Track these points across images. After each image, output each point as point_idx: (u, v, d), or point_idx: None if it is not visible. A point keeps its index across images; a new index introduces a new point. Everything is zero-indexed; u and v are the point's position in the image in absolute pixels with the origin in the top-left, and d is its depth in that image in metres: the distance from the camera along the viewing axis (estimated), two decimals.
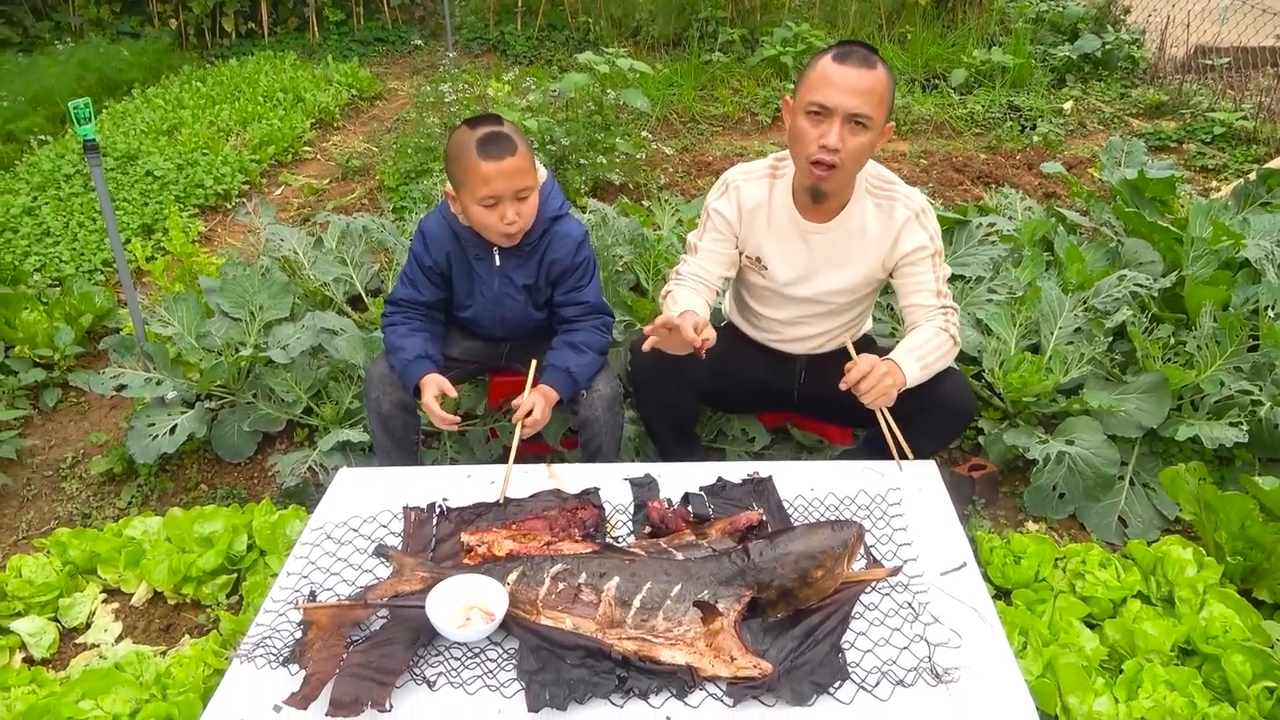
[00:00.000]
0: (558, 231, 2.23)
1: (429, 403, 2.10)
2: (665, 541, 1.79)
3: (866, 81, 1.92)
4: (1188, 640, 1.98)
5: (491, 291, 2.27)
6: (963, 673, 1.51)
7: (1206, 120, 5.55)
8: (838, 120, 1.93)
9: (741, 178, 2.22)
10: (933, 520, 1.88)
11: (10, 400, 3.17)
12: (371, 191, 4.98)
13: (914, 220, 2.13)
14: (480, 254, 2.22)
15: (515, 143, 2.02)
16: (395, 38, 8.09)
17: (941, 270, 2.17)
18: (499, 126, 2.03)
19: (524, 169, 2.05)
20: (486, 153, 2.00)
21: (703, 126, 5.89)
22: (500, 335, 2.38)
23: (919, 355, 2.06)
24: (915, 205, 2.14)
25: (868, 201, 2.15)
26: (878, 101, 1.93)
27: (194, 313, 3.04)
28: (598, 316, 2.29)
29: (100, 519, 2.69)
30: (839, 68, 1.92)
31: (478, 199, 2.05)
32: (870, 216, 2.15)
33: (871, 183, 2.16)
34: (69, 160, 4.97)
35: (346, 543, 1.87)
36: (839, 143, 1.94)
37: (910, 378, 2.03)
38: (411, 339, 2.22)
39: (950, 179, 4.89)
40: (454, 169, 2.07)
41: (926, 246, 2.13)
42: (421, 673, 1.53)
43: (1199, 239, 3.10)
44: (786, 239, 2.20)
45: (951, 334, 2.12)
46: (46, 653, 2.16)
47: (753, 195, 2.20)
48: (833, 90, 1.92)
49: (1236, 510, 2.19)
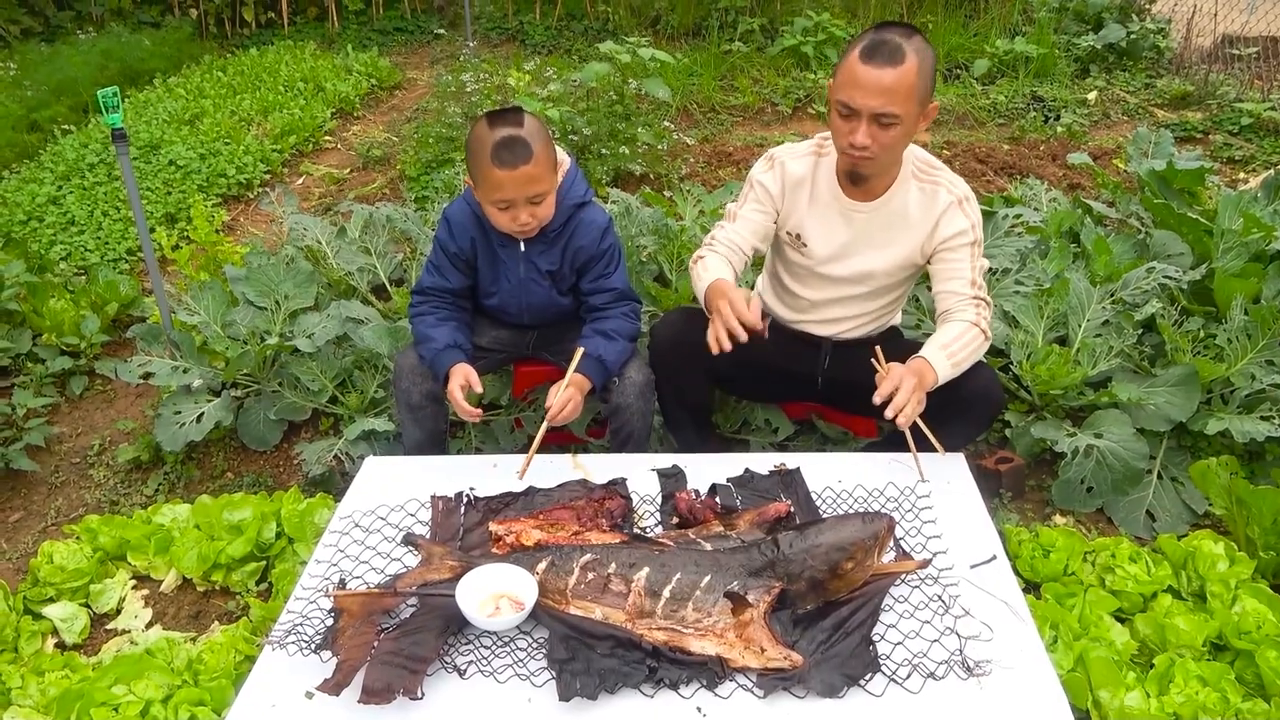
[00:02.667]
0: (582, 219, 2.23)
1: (453, 392, 2.10)
2: (693, 532, 1.79)
3: (890, 80, 1.89)
4: (1220, 635, 1.96)
5: (516, 278, 2.27)
6: (994, 666, 1.50)
7: (1234, 111, 5.47)
8: (864, 120, 1.93)
9: (787, 154, 2.24)
10: (962, 513, 1.87)
11: (38, 388, 3.20)
12: (393, 181, 4.99)
13: (956, 206, 2.12)
14: (504, 240, 2.22)
15: (532, 148, 1.97)
16: (414, 27, 8.10)
17: (980, 261, 2.15)
18: (518, 129, 1.98)
19: (538, 176, 2.01)
20: (500, 159, 1.96)
21: (723, 116, 5.86)
22: (526, 322, 2.38)
23: (950, 353, 2.04)
24: (959, 191, 2.14)
25: (912, 185, 2.15)
26: (905, 97, 1.91)
27: (219, 301, 3.05)
28: (626, 303, 2.28)
29: (128, 506, 2.71)
30: (864, 67, 1.91)
31: (491, 201, 2.05)
32: (913, 200, 2.14)
33: (918, 166, 2.16)
34: (92, 149, 5.00)
35: (375, 531, 1.87)
36: (867, 139, 1.94)
37: (942, 375, 2.02)
38: (441, 328, 2.21)
39: (973, 170, 4.84)
40: (470, 164, 2.07)
41: (967, 233, 2.12)
42: (452, 661, 1.54)
43: (1229, 231, 3.06)
44: (828, 216, 2.20)
45: (982, 328, 2.09)
46: (78, 638, 2.18)
47: (797, 170, 2.20)
48: (857, 92, 1.91)
49: (1269, 505, 2.17)
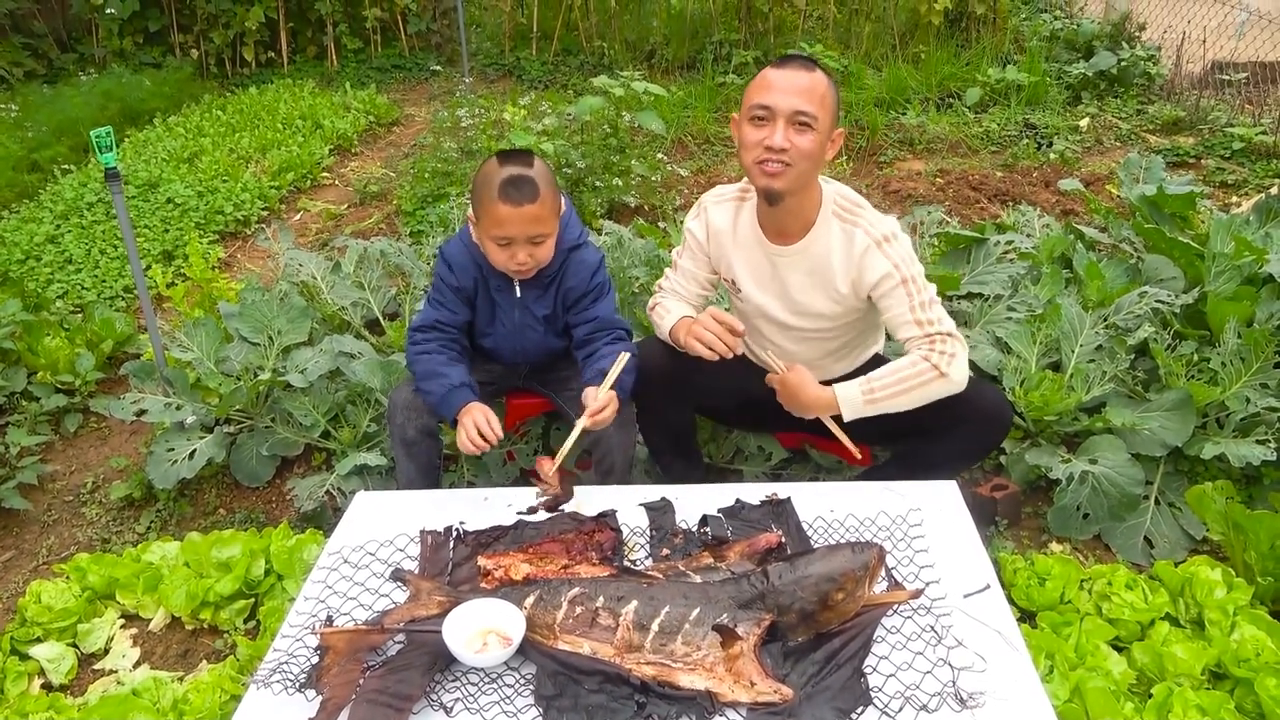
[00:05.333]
0: (574, 259, 2.23)
1: (468, 433, 2.04)
2: (683, 564, 1.77)
3: (806, 81, 1.92)
4: (1218, 663, 1.93)
5: (512, 323, 2.27)
6: (988, 698, 1.48)
7: (1225, 135, 5.51)
8: (781, 121, 1.93)
9: (712, 200, 2.25)
10: (955, 542, 1.85)
11: (32, 426, 3.20)
12: (389, 216, 5.02)
13: (875, 249, 2.04)
14: (501, 284, 2.22)
15: (539, 189, 1.99)
16: (412, 64, 8.19)
17: (920, 295, 2.06)
18: (527, 169, 2.00)
19: (542, 217, 2.02)
20: (506, 195, 1.97)
21: (717, 148, 5.91)
22: (519, 363, 2.38)
23: (870, 389, 2.04)
24: (877, 232, 2.05)
25: (834, 225, 2.09)
26: (820, 101, 1.93)
27: (213, 338, 3.06)
28: (608, 331, 2.28)
29: (119, 544, 2.70)
30: (778, 71, 1.95)
31: (491, 236, 2.05)
32: (836, 242, 2.09)
33: (839, 205, 2.10)
34: (91, 189, 5.04)
35: (363, 567, 1.86)
36: (785, 142, 1.92)
37: (844, 400, 2.03)
38: (453, 367, 2.18)
39: (967, 197, 4.87)
40: (475, 197, 2.07)
41: (892, 275, 2.04)
42: (438, 698, 1.52)
43: (1221, 254, 3.07)
44: (754, 262, 2.19)
45: (934, 362, 2.02)
46: (65, 679, 2.16)
47: (719, 218, 2.21)
48: (773, 92, 1.93)
49: (1266, 530, 2.15)
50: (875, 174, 5.36)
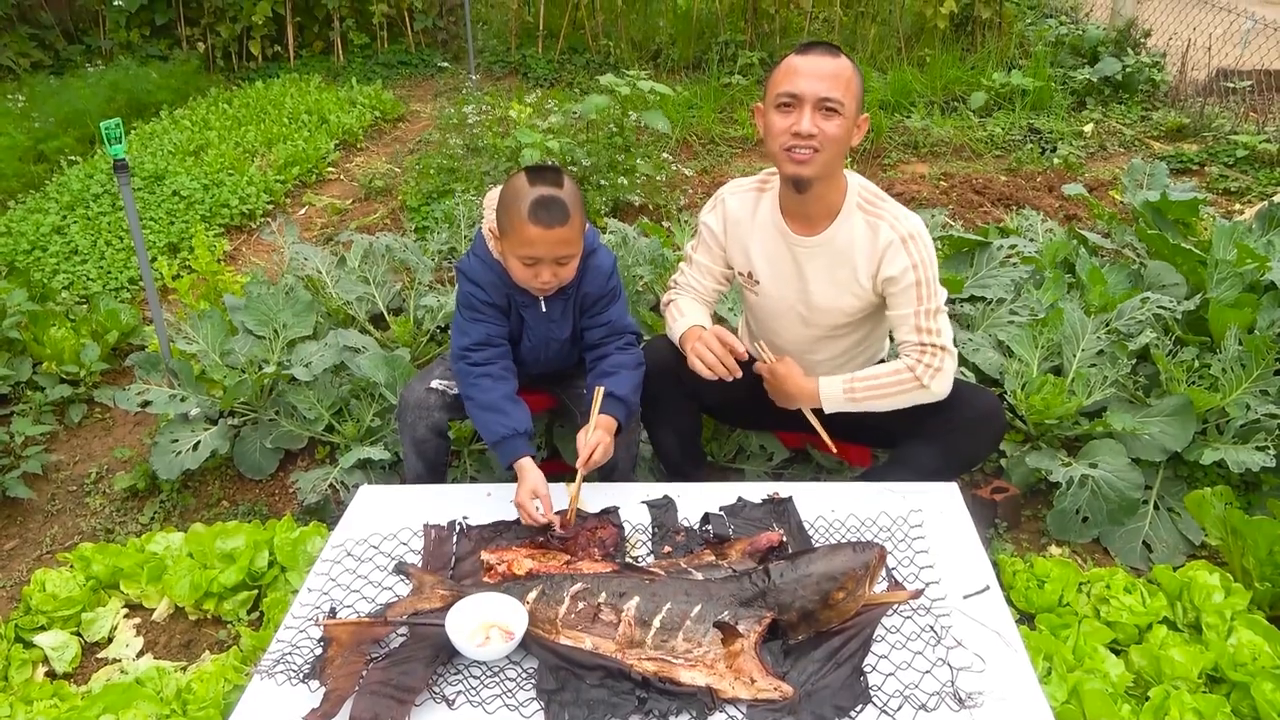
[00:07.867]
0: (590, 265, 2.20)
1: (524, 502, 1.95)
2: (685, 561, 1.78)
3: (831, 67, 1.93)
4: (1215, 667, 1.94)
5: (538, 337, 2.26)
6: (986, 698, 1.49)
7: (1229, 143, 5.51)
8: (808, 107, 1.93)
9: (729, 191, 2.24)
10: (955, 543, 1.87)
11: (37, 416, 3.21)
12: (394, 211, 5.03)
13: (899, 244, 2.03)
14: (526, 301, 2.19)
15: (569, 210, 1.95)
16: (418, 61, 8.19)
17: (929, 303, 2.04)
18: (558, 190, 1.95)
19: (570, 239, 1.99)
20: (536, 218, 1.93)
21: (722, 148, 5.92)
22: (538, 373, 2.39)
23: (851, 387, 2.06)
24: (903, 229, 2.04)
25: (858, 217, 2.08)
26: (845, 86, 1.93)
27: (218, 330, 3.07)
28: (620, 336, 2.28)
29: (123, 534, 2.71)
30: (803, 58, 1.95)
31: (517, 254, 2.01)
32: (859, 233, 2.07)
33: (863, 197, 2.10)
34: (97, 180, 5.05)
35: (367, 560, 1.87)
36: (813, 128, 1.92)
37: (826, 393, 2.06)
38: (518, 407, 2.12)
39: (970, 201, 4.88)
40: (503, 216, 2.01)
41: (909, 273, 2.02)
42: (441, 691, 1.53)
43: (1223, 261, 3.08)
44: (774, 252, 2.17)
45: (917, 374, 2.02)
46: (69, 667, 2.17)
47: (738, 208, 2.20)
48: (799, 78, 1.93)
49: (1264, 536, 2.16)
50: (879, 176, 5.37)
